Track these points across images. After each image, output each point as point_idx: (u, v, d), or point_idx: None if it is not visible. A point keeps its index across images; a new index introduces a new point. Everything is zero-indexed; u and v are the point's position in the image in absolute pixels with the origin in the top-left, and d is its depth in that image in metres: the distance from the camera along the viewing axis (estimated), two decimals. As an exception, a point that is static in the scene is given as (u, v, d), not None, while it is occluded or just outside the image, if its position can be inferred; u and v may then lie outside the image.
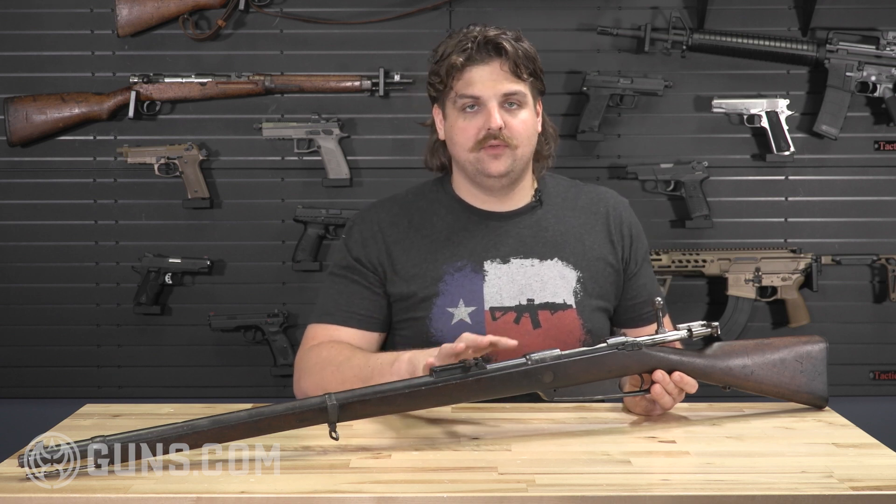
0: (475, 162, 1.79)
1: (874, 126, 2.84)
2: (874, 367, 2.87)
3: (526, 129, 1.79)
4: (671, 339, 1.54)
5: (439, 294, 1.80)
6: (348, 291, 1.83)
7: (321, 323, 1.83)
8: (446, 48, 1.80)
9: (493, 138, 1.76)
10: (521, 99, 1.78)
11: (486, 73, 1.76)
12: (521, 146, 1.79)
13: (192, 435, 1.31)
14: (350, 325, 1.81)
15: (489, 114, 1.75)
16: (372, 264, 1.83)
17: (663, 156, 2.82)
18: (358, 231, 1.87)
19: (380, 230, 1.85)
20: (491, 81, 1.76)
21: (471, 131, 1.77)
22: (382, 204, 1.91)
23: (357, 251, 1.85)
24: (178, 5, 2.80)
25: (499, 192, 1.84)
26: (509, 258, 1.82)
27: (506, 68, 1.76)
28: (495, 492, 1.23)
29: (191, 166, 2.81)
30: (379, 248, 1.84)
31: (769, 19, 2.82)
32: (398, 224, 1.86)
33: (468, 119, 1.78)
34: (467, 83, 1.77)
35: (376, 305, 1.83)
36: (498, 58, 1.76)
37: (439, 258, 1.82)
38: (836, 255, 2.82)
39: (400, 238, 1.85)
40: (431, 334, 1.79)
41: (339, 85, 2.81)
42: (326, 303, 1.84)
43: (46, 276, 2.88)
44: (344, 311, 1.82)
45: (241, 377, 2.89)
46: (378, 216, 1.88)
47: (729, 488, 1.23)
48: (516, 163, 1.79)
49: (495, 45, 1.76)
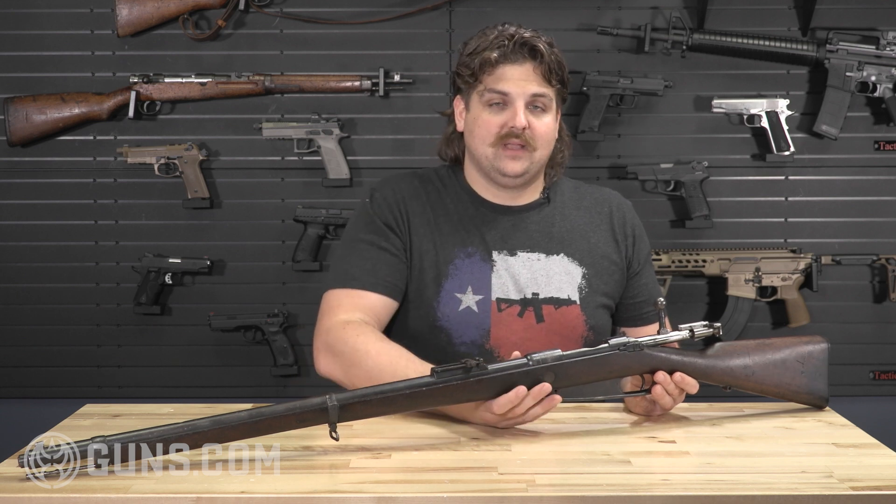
0: (493, 158, 1.79)
1: (874, 126, 2.84)
2: (874, 367, 2.87)
3: (547, 134, 1.80)
4: (673, 339, 1.54)
5: (448, 276, 1.80)
6: (375, 257, 1.80)
7: (346, 288, 1.78)
8: (481, 42, 1.80)
9: (514, 137, 1.77)
10: (546, 103, 1.79)
11: (518, 73, 1.77)
12: (540, 149, 1.79)
13: (193, 435, 1.31)
14: (377, 291, 1.77)
15: (515, 112, 1.76)
16: (400, 229, 1.82)
17: (663, 156, 2.82)
18: (381, 197, 1.85)
19: (402, 199, 1.85)
20: (522, 81, 1.77)
21: (494, 126, 1.78)
22: (402, 176, 1.90)
23: (385, 215, 1.83)
24: (178, 5, 2.80)
25: (512, 190, 1.85)
26: (516, 251, 1.83)
27: (538, 71, 1.77)
28: (495, 492, 1.23)
29: (191, 166, 2.81)
30: (403, 217, 1.83)
31: (769, 19, 2.83)
32: (419, 197, 1.86)
33: (493, 114, 1.78)
34: (498, 79, 1.77)
35: (401, 275, 1.81)
36: (532, 60, 1.77)
37: (451, 241, 1.82)
38: (836, 255, 2.82)
39: (419, 211, 1.84)
40: (437, 318, 1.79)
41: (339, 85, 2.82)
42: (350, 268, 1.79)
43: (46, 276, 2.88)
44: (370, 276, 1.78)
45: (241, 377, 2.89)
46: (400, 186, 1.87)
47: (729, 488, 1.23)
48: (533, 165, 1.80)
49: (531, 47, 1.77)
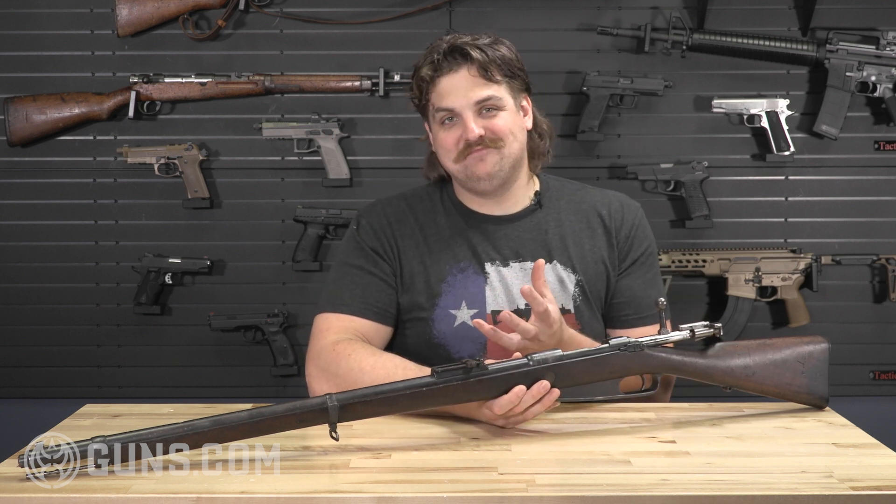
0: (462, 170, 1.79)
1: (874, 126, 2.84)
2: (874, 367, 2.87)
3: (508, 128, 1.78)
4: (673, 339, 1.54)
5: (442, 294, 1.80)
6: (364, 282, 1.81)
7: (336, 312, 1.78)
8: (418, 62, 1.81)
9: (475, 146, 1.76)
10: (496, 103, 1.77)
11: (456, 82, 1.76)
12: (507, 145, 1.78)
13: (193, 435, 1.31)
14: (367, 318, 1.78)
15: (465, 125, 1.75)
16: (388, 255, 1.83)
17: (663, 156, 2.82)
18: (367, 223, 1.86)
19: (388, 224, 1.85)
20: (463, 90, 1.75)
21: (451, 143, 1.78)
22: (388, 200, 1.91)
23: (372, 242, 1.84)
24: (178, 5, 2.80)
25: (493, 194, 1.84)
26: (509, 262, 1.82)
27: (474, 73, 1.75)
28: (495, 492, 1.23)
29: (191, 166, 2.81)
30: (390, 241, 1.84)
31: (769, 19, 2.82)
32: (405, 220, 1.86)
33: (447, 130, 1.78)
34: (440, 95, 1.77)
35: (391, 300, 1.81)
36: (465, 63, 1.75)
37: (442, 258, 1.82)
38: (836, 255, 2.82)
39: (406, 234, 1.85)
40: (434, 335, 1.79)
41: (338, 85, 2.81)
42: (340, 292, 1.80)
43: (46, 276, 2.88)
44: (360, 301, 1.79)
45: (241, 377, 2.89)
46: (385, 210, 1.87)
47: (729, 488, 1.23)
48: (504, 161, 1.78)
49: (461, 51, 1.75)
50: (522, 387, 1.44)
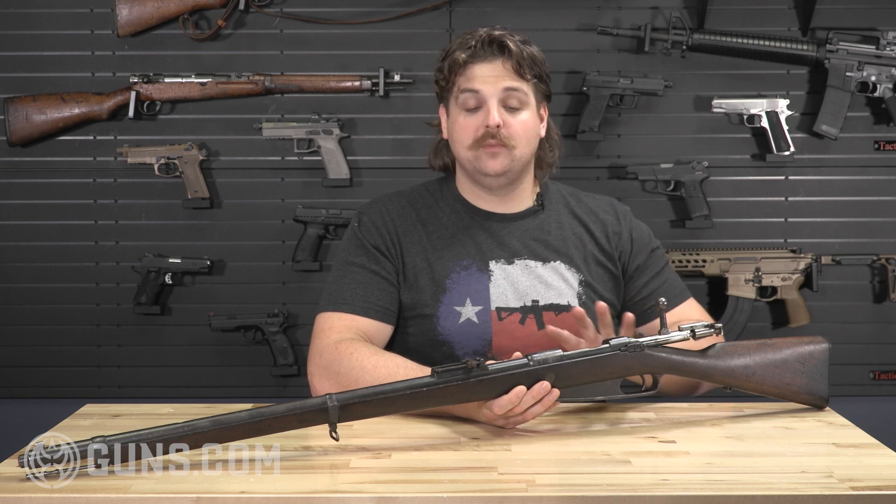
0: (473, 160, 1.80)
1: (874, 126, 2.84)
2: (874, 367, 2.87)
3: (525, 131, 1.79)
4: (674, 339, 1.54)
5: (446, 291, 1.80)
6: (366, 281, 1.80)
7: (337, 311, 1.78)
8: (451, 46, 1.82)
9: (490, 137, 1.77)
10: (522, 98, 1.78)
11: (488, 70, 1.77)
12: (520, 147, 1.79)
13: (193, 435, 1.31)
14: (369, 316, 1.78)
15: (488, 111, 1.76)
16: (390, 252, 1.83)
17: (663, 156, 2.82)
18: (369, 219, 1.86)
19: (391, 220, 1.85)
20: (493, 77, 1.77)
21: (470, 129, 1.78)
22: (389, 197, 1.91)
23: (374, 238, 1.83)
24: (178, 5, 2.80)
25: (498, 191, 1.85)
26: (513, 259, 1.83)
27: (508, 66, 1.77)
28: (495, 492, 1.23)
29: (191, 166, 2.81)
30: (392, 237, 1.84)
31: (769, 19, 2.82)
32: (407, 217, 1.86)
33: (468, 117, 1.79)
34: (469, 78, 1.78)
35: (392, 298, 1.81)
36: (501, 56, 1.78)
37: (446, 255, 1.83)
38: (836, 255, 2.82)
39: (409, 230, 1.85)
40: (438, 332, 1.79)
41: (338, 85, 2.81)
42: (341, 291, 1.80)
43: (46, 276, 2.88)
44: (362, 300, 1.79)
45: (241, 377, 2.89)
46: (387, 207, 1.88)
47: (729, 488, 1.23)
48: (514, 163, 1.80)
49: (499, 43, 1.77)
50: (523, 387, 1.44)
